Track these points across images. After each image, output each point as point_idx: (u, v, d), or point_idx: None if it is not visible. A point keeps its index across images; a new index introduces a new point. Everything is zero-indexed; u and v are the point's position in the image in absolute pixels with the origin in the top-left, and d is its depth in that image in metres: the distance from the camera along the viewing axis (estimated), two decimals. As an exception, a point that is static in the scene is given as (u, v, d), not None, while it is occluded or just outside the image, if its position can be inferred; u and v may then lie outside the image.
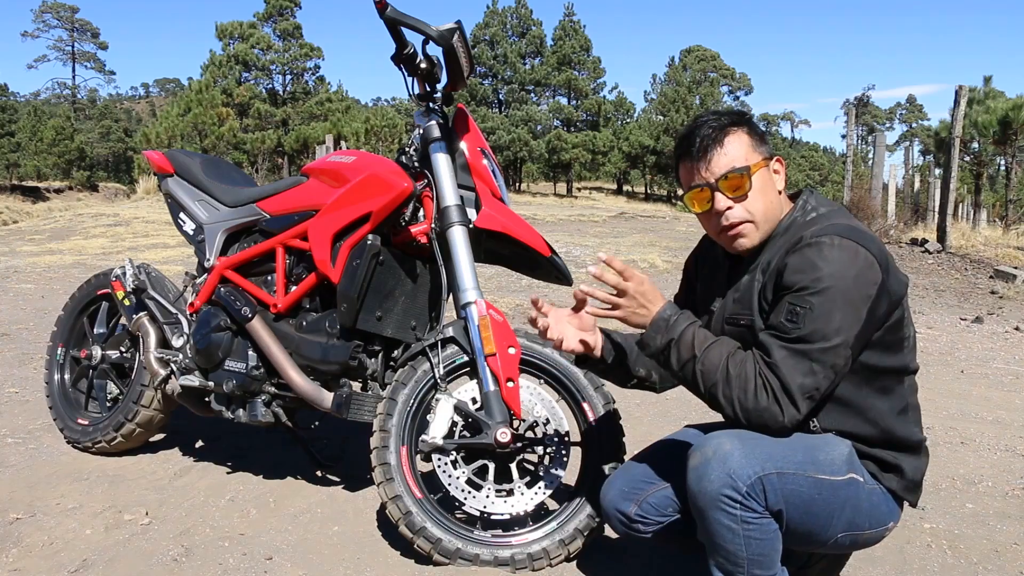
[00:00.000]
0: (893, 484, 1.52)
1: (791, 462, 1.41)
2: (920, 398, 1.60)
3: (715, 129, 1.53)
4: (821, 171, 47.83)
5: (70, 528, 2.13)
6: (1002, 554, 2.11)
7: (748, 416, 1.42)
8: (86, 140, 40.97)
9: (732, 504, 1.38)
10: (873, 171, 12.48)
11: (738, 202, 1.52)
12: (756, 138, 1.55)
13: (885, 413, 1.50)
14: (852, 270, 1.39)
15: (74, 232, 10.40)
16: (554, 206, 23.45)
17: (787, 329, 1.40)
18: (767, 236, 1.55)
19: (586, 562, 1.98)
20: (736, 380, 1.43)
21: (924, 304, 6.90)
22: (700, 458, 1.42)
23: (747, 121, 1.56)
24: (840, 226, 1.44)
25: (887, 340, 1.48)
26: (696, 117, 1.60)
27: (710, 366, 1.46)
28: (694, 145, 1.54)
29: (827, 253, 1.40)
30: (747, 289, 1.54)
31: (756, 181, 1.52)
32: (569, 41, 37.12)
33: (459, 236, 2.03)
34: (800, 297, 1.40)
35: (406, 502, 1.91)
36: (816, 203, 1.55)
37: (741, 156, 1.52)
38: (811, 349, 1.38)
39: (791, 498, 1.41)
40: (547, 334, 1.67)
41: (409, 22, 1.95)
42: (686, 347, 1.49)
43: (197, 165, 2.62)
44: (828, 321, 1.38)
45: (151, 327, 2.53)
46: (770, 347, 1.42)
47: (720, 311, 1.61)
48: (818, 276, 1.38)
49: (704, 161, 1.53)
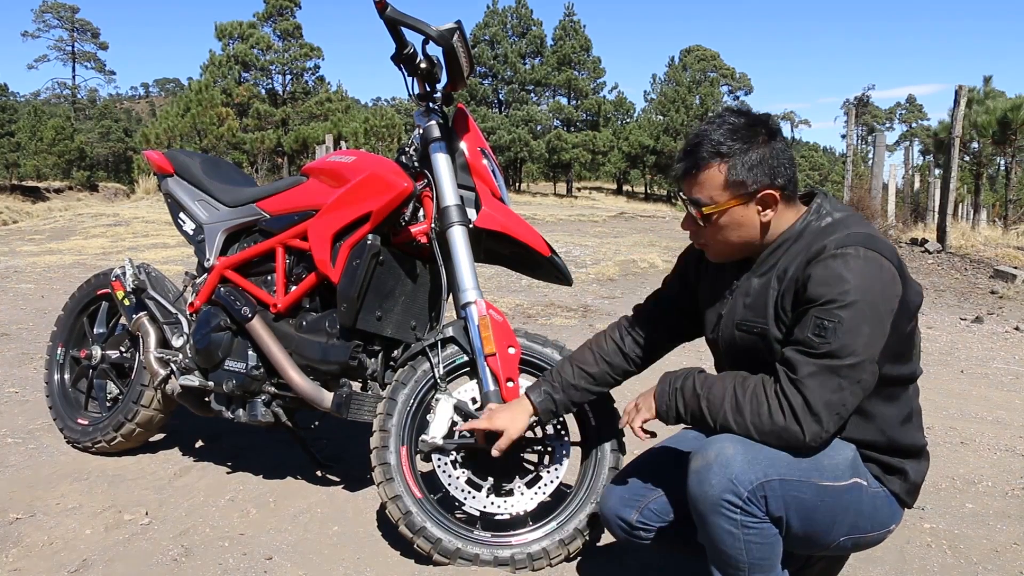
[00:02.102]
0: (896, 487, 1.53)
1: (795, 468, 1.40)
2: (921, 398, 1.60)
3: (698, 158, 1.50)
4: (821, 171, 47.85)
5: (70, 528, 2.13)
6: (1002, 554, 2.11)
7: (767, 440, 1.41)
8: (86, 140, 40.89)
9: (733, 509, 1.38)
10: (873, 171, 12.48)
11: (702, 226, 1.54)
12: (738, 176, 1.48)
13: (891, 420, 1.50)
14: (879, 283, 1.38)
15: (74, 232, 10.40)
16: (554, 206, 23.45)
17: (815, 344, 1.37)
18: (756, 251, 1.54)
19: (586, 562, 1.98)
20: (748, 405, 1.42)
21: (924, 304, 6.89)
22: (702, 462, 1.42)
23: (740, 152, 1.48)
24: (862, 235, 1.42)
25: (899, 350, 1.46)
26: (709, 122, 1.53)
27: (715, 400, 1.46)
28: (680, 159, 1.55)
29: (853, 265, 1.37)
30: (760, 295, 1.52)
31: (721, 218, 1.51)
32: (569, 41, 37.13)
33: (459, 236, 2.02)
34: (828, 311, 1.37)
35: (406, 502, 1.91)
36: (831, 207, 1.53)
37: (707, 195, 1.51)
38: (840, 365, 1.36)
39: (793, 504, 1.40)
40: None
41: (409, 22, 1.95)
42: (689, 393, 1.50)
43: (197, 165, 2.62)
44: (856, 335, 1.36)
45: (151, 327, 2.53)
46: (797, 363, 1.39)
47: (729, 315, 1.59)
48: (846, 289, 1.36)
49: (683, 176, 1.54)
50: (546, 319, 5.51)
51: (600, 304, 6.20)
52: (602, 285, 7.19)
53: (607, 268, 7.89)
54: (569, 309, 5.91)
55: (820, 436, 1.39)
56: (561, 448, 2.01)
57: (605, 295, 6.68)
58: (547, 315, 5.65)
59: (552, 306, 5.99)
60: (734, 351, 1.59)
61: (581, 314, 5.74)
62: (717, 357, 1.70)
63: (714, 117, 1.55)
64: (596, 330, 5.09)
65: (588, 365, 1.83)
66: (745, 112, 1.54)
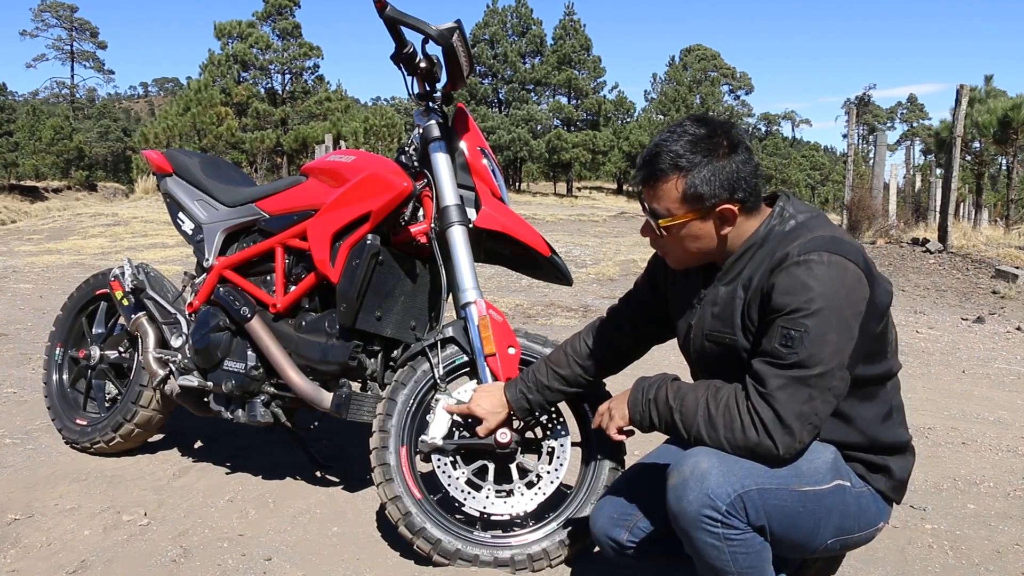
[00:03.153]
0: (881, 485, 1.51)
1: (773, 477, 1.39)
2: (922, 398, 1.60)
3: (656, 169, 1.47)
4: (822, 171, 47.86)
5: (68, 529, 2.13)
6: (1003, 555, 2.11)
7: (740, 454, 1.39)
8: (85, 139, 40.89)
9: (713, 524, 1.36)
10: (874, 171, 12.48)
11: (659, 235, 1.52)
12: (696, 191, 1.44)
13: (871, 419, 1.49)
14: (843, 288, 1.36)
15: (72, 232, 10.40)
16: (554, 206, 23.46)
17: (782, 355, 1.35)
18: (719, 258, 1.53)
19: (586, 563, 1.97)
20: (720, 419, 1.41)
21: (925, 304, 6.90)
22: (677, 478, 1.40)
23: (699, 165, 1.44)
24: (825, 239, 1.40)
25: (872, 350, 1.45)
26: (670, 131, 1.49)
27: (688, 413, 1.45)
28: (639, 168, 1.52)
29: (817, 271, 1.35)
30: (727, 304, 1.50)
31: (680, 230, 1.49)
32: (569, 40, 37.12)
33: (459, 236, 2.02)
34: (793, 320, 1.35)
35: (405, 503, 1.90)
36: (794, 209, 1.50)
37: (664, 207, 1.48)
38: (809, 375, 1.34)
39: (774, 513, 1.38)
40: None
41: (409, 21, 1.94)
42: (663, 404, 1.49)
43: (196, 165, 2.61)
44: (823, 344, 1.33)
45: (150, 327, 2.52)
46: (765, 376, 1.37)
47: (699, 325, 1.57)
48: (810, 297, 1.34)
49: (642, 184, 1.52)
50: (546, 319, 5.50)
51: (600, 304, 6.19)
52: (602, 285, 7.19)
53: (607, 268, 7.88)
54: (569, 309, 5.91)
55: (794, 448, 1.38)
56: (561, 449, 2.00)
57: (605, 295, 6.68)
58: (547, 315, 5.65)
59: (552, 306, 5.98)
60: (705, 360, 1.58)
61: (581, 314, 5.73)
62: (690, 364, 1.69)
63: (675, 126, 1.50)
64: (596, 330, 5.10)
65: (561, 367, 1.83)
66: (707, 121, 1.50)
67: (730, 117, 39.76)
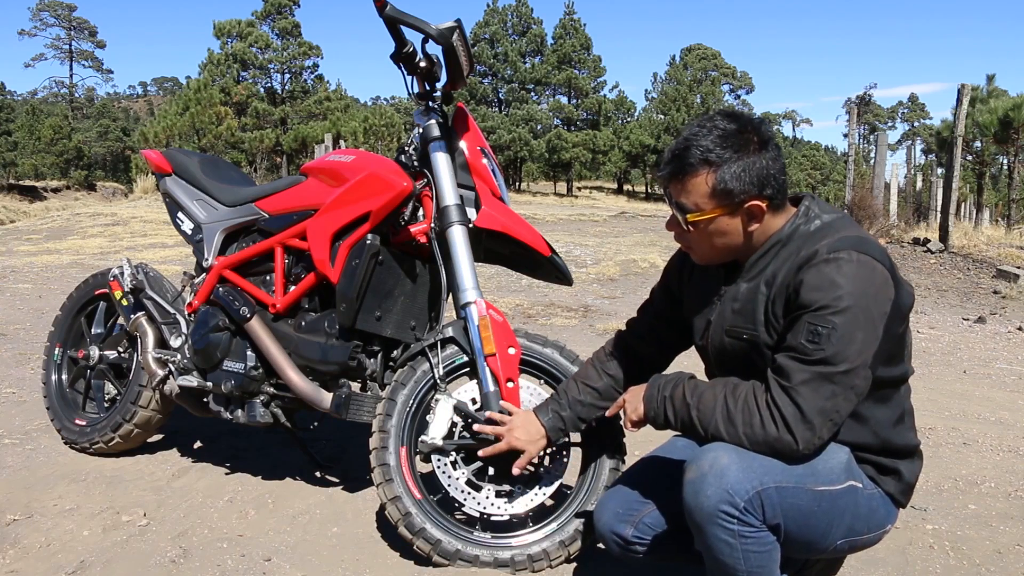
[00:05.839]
0: (890, 488, 1.52)
1: (790, 475, 1.39)
2: (923, 399, 1.60)
3: (685, 163, 1.46)
4: (823, 170, 47.81)
5: (67, 529, 2.12)
6: (1004, 555, 2.10)
7: (759, 450, 1.39)
8: (84, 139, 40.87)
9: (729, 520, 1.36)
10: (875, 170, 12.47)
11: (686, 230, 1.51)
12: (725, 186, 1.44)
13: (884, 422, 1.49)
14: (872, 287, 1.36)
15: (71, 232, 10.39)
16: (554, 206, 23.46)
17: (808, 351, 1.35)
18: (743, 255, 1.52)
19: (586, 563, 1.97)
20: (739, 415, 1.40)
21: (926, 304, 6.89)
22: (696, 472, 1.39)
23: (729, 161, 1.43)
24: (853, 239, 1.40)
25: (892, 352, 1.45)
26: (700, 125, 1.48)
27: (706, 409, 1.44)
28: (667, 162, 1.50)
29: (846, 270, 1.35)
30: (749, 300, 1.50)
31: (708, 225, 1.48)
32: (569, 40, 37.13)
33: (459, 236, 2.01)
34: (821, 316, 1.35)
35: (405, 503, 1.90)
36: (819, 210, 1.50)
37: (692, 201, 1.47)
38: (834, 372, 1.34)
39: (790, 511, 1.39)
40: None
41: (408, 20, 1.94)
42: (679, 401, 1.49)
43: (195, 164, 2.60)
44: (850, 342, 1.34)
45: (149, 327, 2.52)
46: (790, 371, 1.37)
47: (718, 321, 1.57)
48: (839, 295, 1.34)
49: (670, 179, 1.50)
50: (546, 319, 5.50)
51: (600, 304, 6.19)
52: (603, 285, 7.18)
53: (608, 268, 7.87)
54: (569, 309, 5.90)
55: (813, 444, 1.38)
56: (561, 449, 2.00)
57: (606, 295, 6.67)
58: (547, 315, 5.64)
59: (552, 306, 5.98)
60: (724, 357, 1.58)
61: (581, 314, 5.73)
62: (707, 363, 1.68)
63: (705, 120, 1.49)
64: (596, 330, 5.10)
65: (592, 380, 1.81)
66: (737, 116, 1.49)
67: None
